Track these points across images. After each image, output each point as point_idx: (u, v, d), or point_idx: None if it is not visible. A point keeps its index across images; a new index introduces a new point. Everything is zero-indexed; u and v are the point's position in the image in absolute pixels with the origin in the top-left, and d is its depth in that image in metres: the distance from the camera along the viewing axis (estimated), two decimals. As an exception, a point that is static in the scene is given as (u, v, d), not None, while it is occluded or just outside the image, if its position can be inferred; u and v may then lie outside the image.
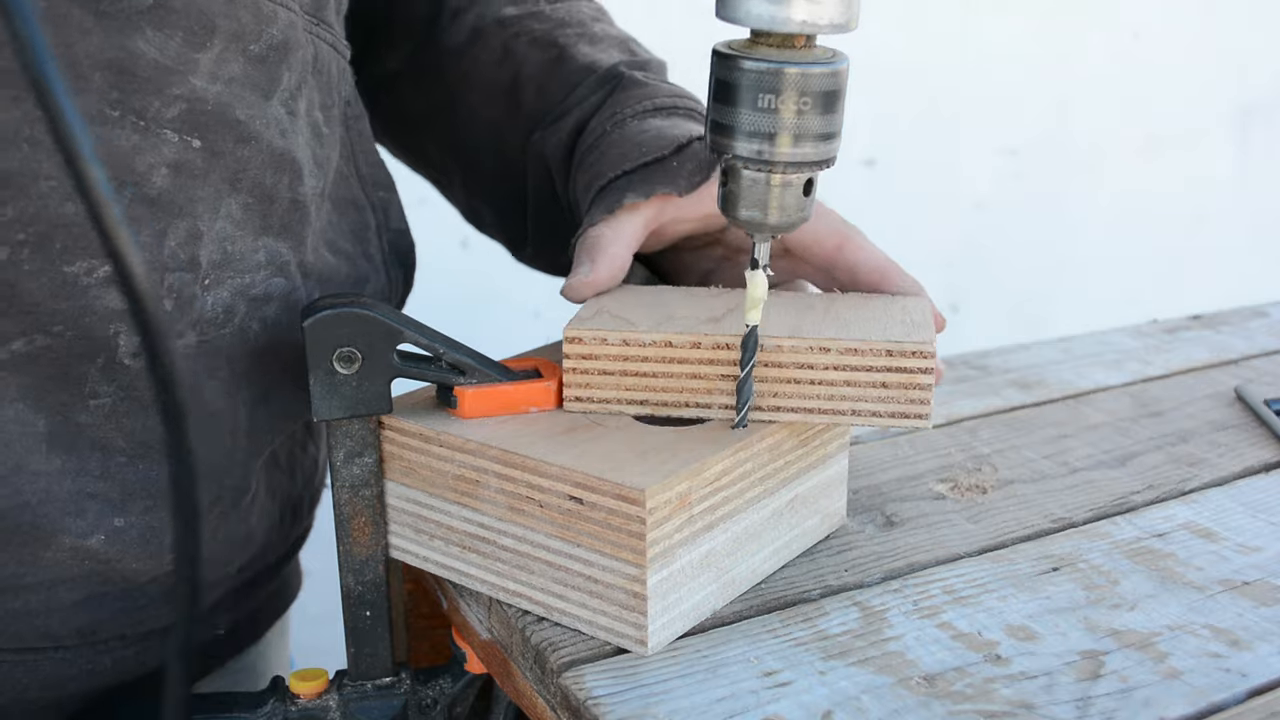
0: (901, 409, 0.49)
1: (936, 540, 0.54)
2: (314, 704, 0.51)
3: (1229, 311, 0.92)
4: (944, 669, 0.44)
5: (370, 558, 0.50)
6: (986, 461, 0.63)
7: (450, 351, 0.49)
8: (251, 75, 0.48)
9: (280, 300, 0.51)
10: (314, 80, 0.53)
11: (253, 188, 0.49)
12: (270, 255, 0.51)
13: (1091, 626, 0.47)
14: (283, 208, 0.51)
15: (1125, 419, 0.69)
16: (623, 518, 0.43)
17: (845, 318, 0.52)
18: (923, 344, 0.48)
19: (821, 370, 0.49)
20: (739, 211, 0.46)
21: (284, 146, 0.50)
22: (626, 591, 0.44)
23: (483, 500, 0.47)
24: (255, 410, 0.52)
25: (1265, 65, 2.46)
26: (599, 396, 0.50)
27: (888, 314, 0.52)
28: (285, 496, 0.60)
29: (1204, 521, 0.56)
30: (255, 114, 0.48)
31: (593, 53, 0.66)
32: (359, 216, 0.60)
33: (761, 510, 0.49)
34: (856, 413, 0.49)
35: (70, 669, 0.52)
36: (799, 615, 0.48)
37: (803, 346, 0.48)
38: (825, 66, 0.43)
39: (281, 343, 0.52)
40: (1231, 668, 0.44)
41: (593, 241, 0.55)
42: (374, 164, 0.62)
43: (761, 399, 0.49)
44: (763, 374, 0.49)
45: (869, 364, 0.48)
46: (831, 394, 0.49)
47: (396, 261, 0.63)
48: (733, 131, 0.44)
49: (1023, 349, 0.82)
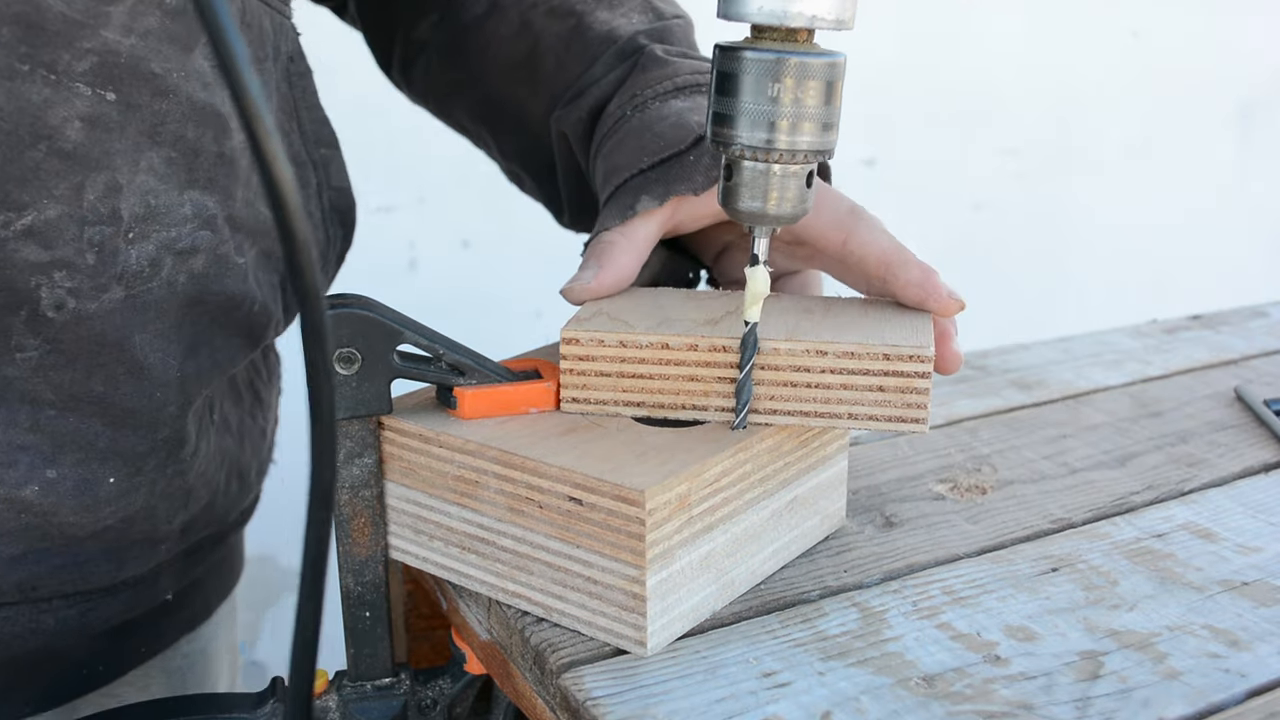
0: (899, 413, 0.48)
1: (936, 541, 0.54)
2: (314, 704, 0.51)
3: (1229, 311, 0.92)
4: (943, 669, 0.44)
5: (370, 558, 0.50)
6: (986, 462, 0.63)
7: (450, 352, 0.49)
8: (169, 28, 0.48)
9: (207, 253, 0.51)
10: (245, 35, 0.52)
11: (175, 141, 0.49)
12: (196, 208, 0.50)
13: (1091, 627, 0.47)
14: (209, 161, 0.51)
15: (1125, 419, 0.69)
16: (622, 519, 0.43)
17: (843, 322, 0.51)
18: (920, 348, 0.48)
19: (818, 374, 0.48)
20: (740, 203, 0.46)
21: (206, 99, 0.50)
22: (626, 592, 0.44)
23: (482, 501, 0.47)
24: (185, 363, 0.52)
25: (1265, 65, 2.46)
26: (596, 398, 0.50)
27: (886, 319, 0.52)
28: (233, 462, 0.60)
29: (1203, 522, 0.56)
30: (173, 67, 0.48)
31: (611, 19, 0.64)
32: (299, 172, 0.59)
33: (761, 511, 0.49)
34: (853, 416, 0.49)
35: (14, 627, 0.52)
36: (798, 616, 0.48)
37: (799, 349, 0.48)
38: (824, 57, 0.44)
39: (210, 293, 0.52)
40: (1231, 668, 0.44)
41: (603, 248, 0.55)
42: (318, 120, 0.62)
43: (758, 402, 0.49)
44: (759, 376, 0.48)
45: (866, 368, 0.48)
46: (828, 397, 0.48)
47: (336, 219, 0.63)
48: (734, 121, 0.44)
49: (1022, 349, 0.82)
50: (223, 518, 0.62)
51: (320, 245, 0.61)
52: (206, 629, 0.68)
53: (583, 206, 0.67)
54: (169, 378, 0.52)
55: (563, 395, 0.50)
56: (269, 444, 0.66)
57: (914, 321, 0.52)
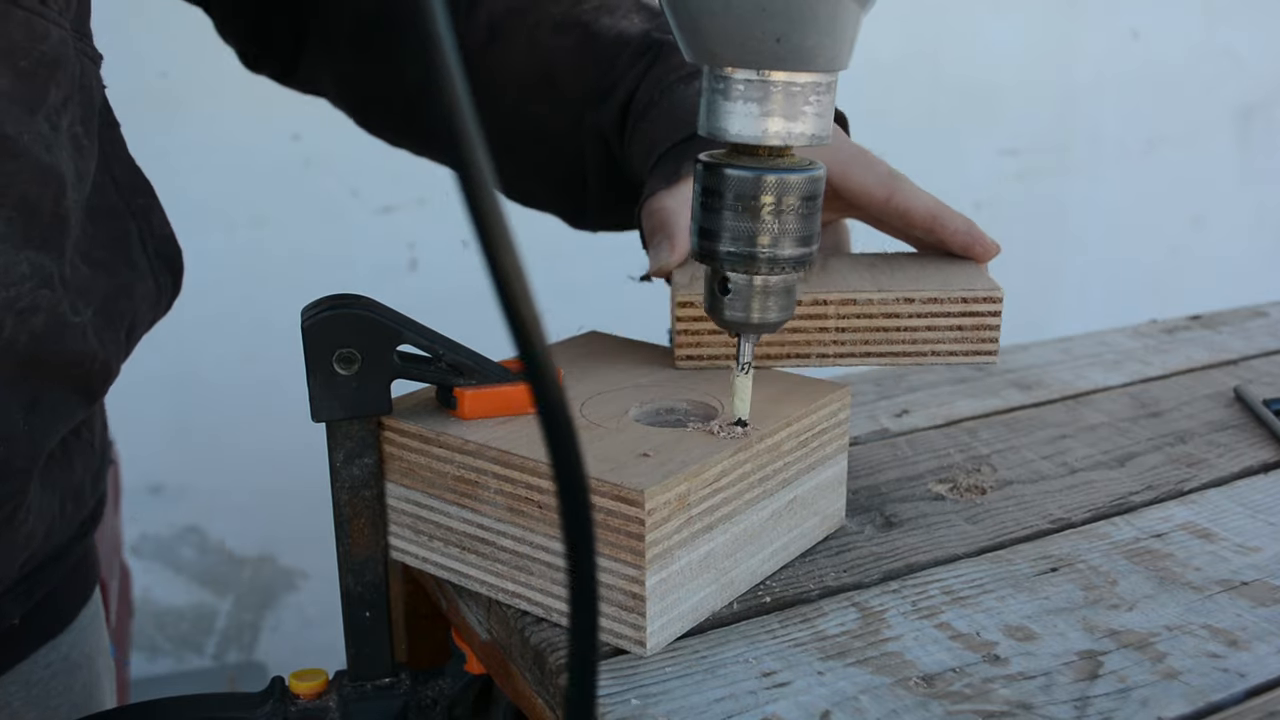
0: (974, 347, 0.57)
1: (935, 541, 0.54)
2: (314, 704, 0.51)
3: (1228, 311, 0.92)
4: (942, 669, 0.44)
5: (370, 558, 0.50)
6: (985, 462, 0.63)
7: (450, 352, 0.49)
8: (19, 90, 0.48)
9: (47, 312, 0.50)
10: (79, 96, 0.52)
11: (18, 202, 0.48)
12: (34, 268, 0.50)
13: (1090, 627, 0.47)
14: (44, 221, 0.50)
15: (1124, 419, 0.69)
16: (622, 519, 0.43)
17: (911, 273, 0.59)
18: (993, 290, 0.56)
19: (906, 319, 0.56)
20: (726, 313, 0.47)
21: (49, 161, 0.49)
22: (625, 592, 0.44)
23: (482, 501, 0.47)
24: (28, 418, 0.51)
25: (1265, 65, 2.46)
26: (708, 354, 0.56)
27: (945, 268, 0.60)
28: (66, 487, 0.59)
29: (1202, 522, 0.56)
30: (23, 129, 0.48)
31: (615, 23, 0.67)
32: (117, 224, 0.59)
33: (761, 511, 0.49)
34: (936, 353, 0.57)
35: None
36: (798, 616, 0.48)
37: (890, 298, 0.56)
38: (803, 174, 0.45)
39: (48, 352, 0.51)
40: (1229, 668, 0.44)
41: (662, 217, 0.59)
42: (130, 170, 0.61)
43: (854, 346, 0.56)
44: (853, 324, 0.56)
45: (947, 310, 0.56)
46: (915, 339, 0.57)
47: (164, 267, 0.62)
48: (718, 236, 0.45)
49: (1022, 349, 0.83)
50: (63, 539, 0.61)
51: (150, 295, 0.60)
52: (67, 636, 0.66)
53: (615, 203, 0.69)
54: (12, 434, 0.51)
55: (678, 354, 0.56)
56: (99, 448, 0.64)
57: (968, 268, 0.60)
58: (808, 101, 0.43)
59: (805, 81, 0.43)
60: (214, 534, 1.81)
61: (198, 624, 1.85)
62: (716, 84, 0.43)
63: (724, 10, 0.41)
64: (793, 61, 0.42)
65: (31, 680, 0.63)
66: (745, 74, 0.42)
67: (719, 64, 0.43)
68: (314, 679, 0.51)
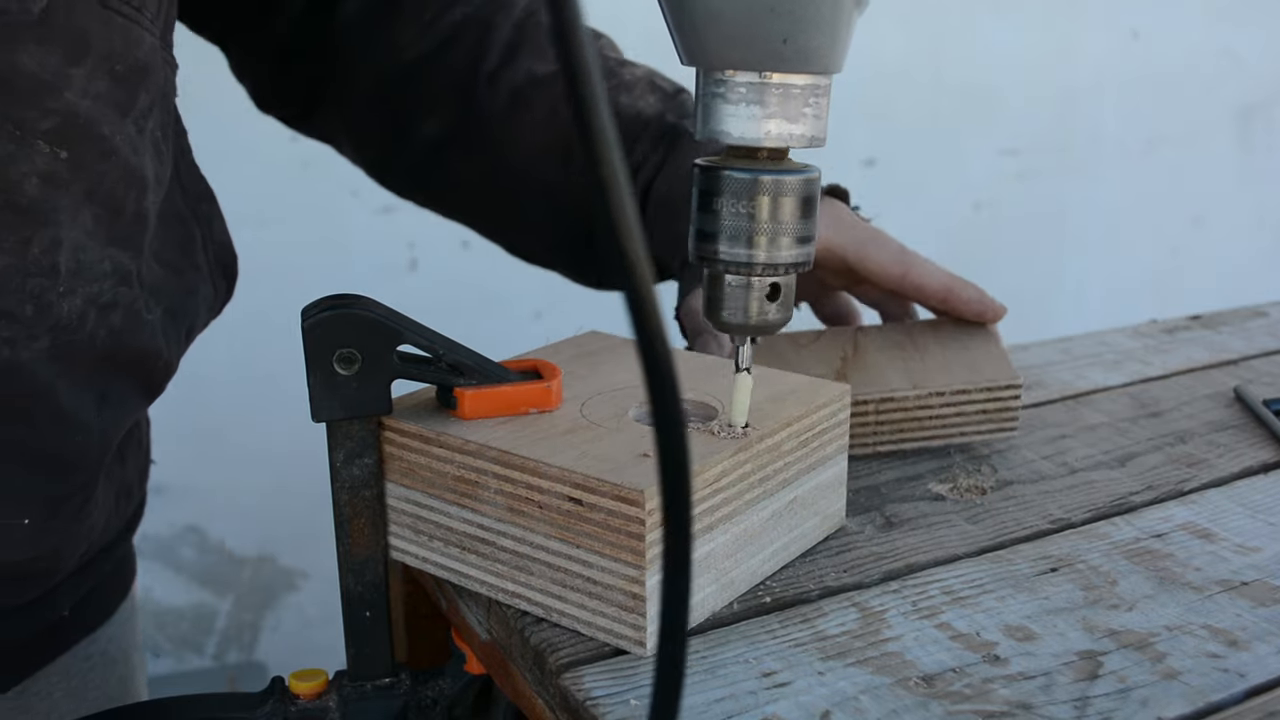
0: (998, 426, 0.64)
1: (935, 541, 0.54)
2: (314, 704, 0.51)
3: (1228, 312, 0.92)
4: (942, 669, 0.44)
5: (370, 558, 0.50)
6: (985, 462, 0.63)
7: (450, 352, 0.49)
8: (114, 94, 0.49)
9: (125, 308, 0.53)
10: (161, 102, 0.54)
11: (106, 200, 0.50)
12: (115, 265, 0.52)
13: (1090, 627, 0.47)
14: (127, 220, 0.52)
15: (1124, 419, 0.69)
16: (622, 519, 0.43)
17: (939, 358, 0.65)
18: (1014, 379, 0.63)
19: (938, 409, 0.62)
20: (723, 315, 0.47)
21: (135, 163, 0.51)
22: (625, 592, 0.44)
23: (482, 501, 0.47)
24: (100, 411, 0.54)
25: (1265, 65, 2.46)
26: None
27: (966, 349, 0.67)
28: (119, 483, 0.62)
29: (1202, 522, 0.56)
30: (116, 129, 0.50)
31: (632, 102, 0.72)
32: (184, 229, 0.61)
33: (761, 512, 0.49)
34: (964, 434, 0.63)
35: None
36: (798, 616, 0.48)
37: (923, 394, 0.62)
38: (799, 175, 0.45)
39: (123, 347, 0.53)
40: (1229, 668, 0.44)
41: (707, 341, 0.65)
42: (196, 179, 0.63)
43: (891, 434, 0.62)
44: (889, 416, 0.62)
45: (974, 399, 0.62)
46: (945, 424, 0.63)
47: (221, 273, 0.65)
48: (715, 238, 0.45)
49: (1022, 349, 0.83)
50: (114, 533, 0.64)
51: (209, 299, 0.63)
52: (106, 630, 0.68)
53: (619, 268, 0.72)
54: (89, 426, 0.53)
55: None
56: (145, 449, 0.67)
57: (988, 349, 0.66)
58: (807, 104, 0.44)
59: (804, 84, 0.43)
60: (214, 534, 1.81)
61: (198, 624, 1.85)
62: (715, 87, 0.44)
63: (732, 11, 0.41)
64: (796, 63, 0.42)
65: (71, 672, 0.65)
66: (747, 76, 0.43)
67: (721, 66, 0.43)
68: (314, 679, 0.51)
